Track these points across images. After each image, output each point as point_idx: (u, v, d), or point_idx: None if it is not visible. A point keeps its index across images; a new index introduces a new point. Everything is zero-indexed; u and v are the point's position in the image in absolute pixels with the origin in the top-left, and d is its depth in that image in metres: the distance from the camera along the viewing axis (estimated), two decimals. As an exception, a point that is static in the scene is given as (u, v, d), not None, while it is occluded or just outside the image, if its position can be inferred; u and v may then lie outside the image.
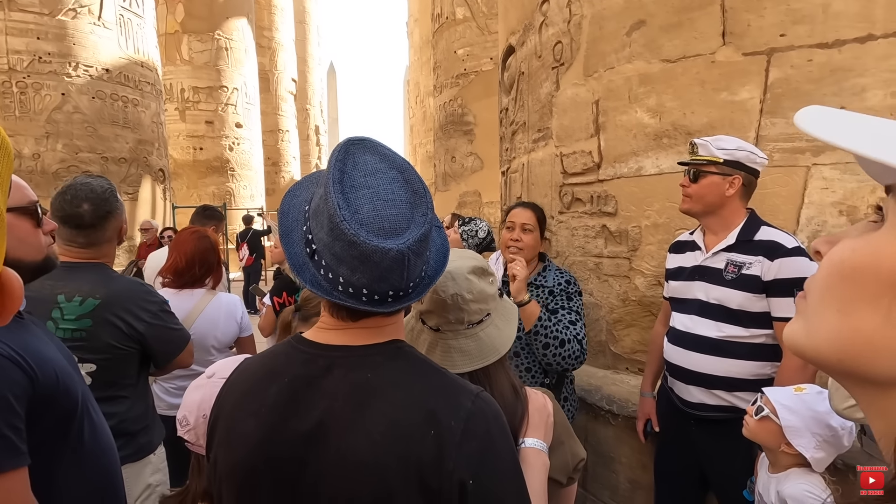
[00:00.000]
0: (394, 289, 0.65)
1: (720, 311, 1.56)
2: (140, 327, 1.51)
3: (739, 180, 1.55)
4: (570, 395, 1.91)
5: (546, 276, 1.88)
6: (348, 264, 0.63)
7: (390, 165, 0.67)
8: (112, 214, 1.54)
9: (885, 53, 1.64)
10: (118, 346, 1.48)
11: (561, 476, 0.95)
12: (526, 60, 2.68)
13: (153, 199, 7.50)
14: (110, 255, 1.60)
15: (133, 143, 7.09)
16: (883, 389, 0.33)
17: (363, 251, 0.61)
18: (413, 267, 0.65)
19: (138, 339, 1.51)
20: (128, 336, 1.49)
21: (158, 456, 1.63)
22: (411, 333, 0.98)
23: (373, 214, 0.63)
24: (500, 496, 0.65)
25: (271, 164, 16.62)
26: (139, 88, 7.19)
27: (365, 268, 0.63)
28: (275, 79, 16.98)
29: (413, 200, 0.66)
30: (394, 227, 0.63)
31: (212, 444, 0.75)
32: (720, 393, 1.57)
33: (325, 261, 0.65)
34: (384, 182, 0.65)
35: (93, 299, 1.45)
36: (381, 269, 0.63)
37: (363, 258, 0.62)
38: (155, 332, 1.55)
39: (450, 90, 8.81)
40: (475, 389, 0.70)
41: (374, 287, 0.64)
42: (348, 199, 0.63)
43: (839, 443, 1.18)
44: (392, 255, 0.62)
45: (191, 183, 12.23)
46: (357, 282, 0.64)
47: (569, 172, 2.38)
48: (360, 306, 0.66)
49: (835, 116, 0.35)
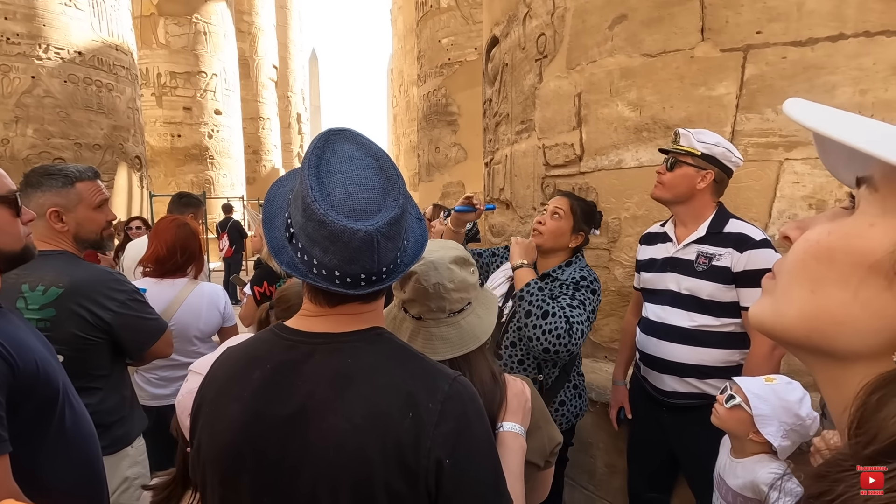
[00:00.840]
0: (365, 271, 0.67)
1: (692, 301, 1.61)
2: (107, 317, 1.46)
3: (712, 175, 1.59)
4: (568, 400, 1.75)
5: (564, 270, 1.74)
6: (320, 245, 0.65)
7: (367, 153, 0.69)
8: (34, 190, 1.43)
9: (854, 52, 1.70)
10: (85, 337, 1.43)
11: (538, 459, 0.98)
12: (510, 52, 2.69)
13: (129, 188, 7.32)
14: (65, 240, 1.50)
15: (108, 129, 6.89)
16: (842, 364, 0.36)
17: (332, 231, 0.63)
18: (384, 250, 0.66)
19: (105, 329, 1.47)
20: (94, 326, 1.44)
21: (137, 448, 1.60)
22: (394, 322, 0.99)
23: (344, 197, 0.65)
24: (476, 475, 0.67)
25: (252, 153, 16.34)
26: (113, 73, 6.97)
27: (335, 248, 0.64)
28: (255, 65, 16.63)
29: (386, 186, 0.68)
30: (364, 210, 0.65)
31: (195, 430, 0.76)
32: (692, 381, 1.63)
33: (301, 243, 0.67)
34: (359, 168, 0.67)
35: (56, 288, 1.40)
36: (351, 250, 0.64)
37: (333, 238, 0.64)
38: (123, 321, 1.50)
39: (434, 80, 8.76)
40: (452, 373, 0.72)
41: (346, 269, 0.66)
42: (322, 183, 0.65)
43: (805, 432, 1.23)
44: (360, 235, 0.63)
45: (168, 171, 11.96)
46: (329, 263, 0.66)
47: (551, 164, 2.41)
48: (333, 288, 0.67)
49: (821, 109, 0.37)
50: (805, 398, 1.24)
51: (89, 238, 1.57)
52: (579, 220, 1.76)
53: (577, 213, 1.76)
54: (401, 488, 0.64)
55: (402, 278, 0.97)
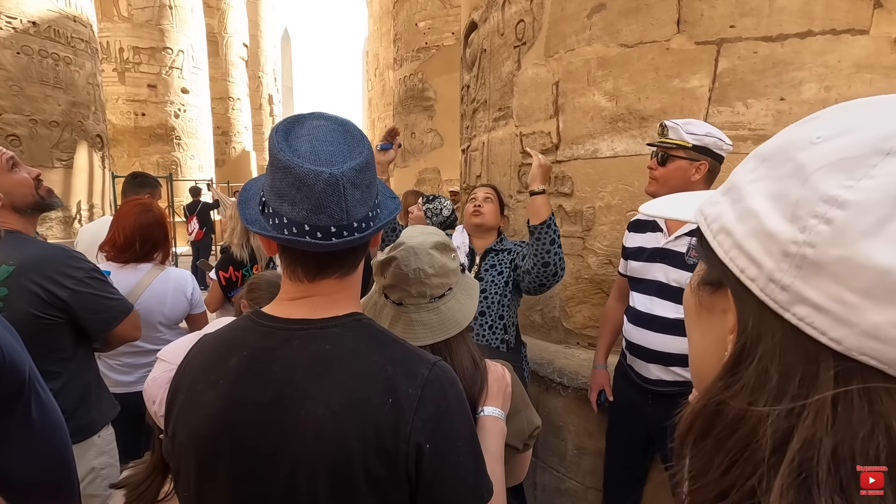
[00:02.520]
0: (335, 222, 0.66)
1: (679, 292, 1.63)
2: (63, 294, 1.42)
3: (706, 166, 1.60)
4: (522, 362, 2.07)
5: (504, 242, 2.07)
6: (288, 197, 0.66)
7: (333, 122, 0.72)
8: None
9: (821, 49, 1.75)
10: (40, 316, 1.39)
11: (517, 442, 1.00)
12: (488, 38, 2.67)
13: (90, 168, 6.99)
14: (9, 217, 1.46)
15: (66, 106, 6.54)
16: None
17: (297, 175, 0.65)
18: (351, 198, 0.67)
19: (62, 307, 1.42)
20: (49, 304, 1.40)
21: (104, 438, 1.56)
22: (374, 308, 0.99)
23: (310, 149, 0.67)
24: (456, 459, 0.68)
25: (221, 134, 15.83)
26: (71, 45, 6.60)
27: (301, 196, 0.65)
28: (224, 42, 16.04)
29: (350, 143, 0.70)
30: (330, 160, 0.67)
31: (170, 417, 0.74)
32: (676, 369, 1.65)
33: (272, 206, 0.68)
34: (325, 131, 0.70)
35: (6, 266, 1.36)
36: (317, 195, 0.65)
37: (299, 184, 0.65)
38: (81, 299, 1.45)
39: (410, 64, 8.64)
40: (433, 359, 0.72)
41: (315, 220, 0.66)
42: (289, 142, 0.68)
43: None
44: (325, 177, 0.64)
45: (132, 151, 11.47)
46: (298, 216, 0.66)
47: (528, 152, 2.41)
48: (306, 244, 0.67)
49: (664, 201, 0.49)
50: None
51: (28, 202, 1.51)
52: (501, 202, 2.13)
53: (500, 196, 2.13)
54: (380, 473, 0.64)
55: (383, 264, 0.96)
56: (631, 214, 1.98)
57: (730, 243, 0.35)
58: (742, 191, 0.35)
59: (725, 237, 0.35)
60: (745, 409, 0.32)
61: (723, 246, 0.36)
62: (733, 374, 0.33)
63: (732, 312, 0.36)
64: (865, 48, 1.73)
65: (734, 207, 0.36)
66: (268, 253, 0.84)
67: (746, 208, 0.34)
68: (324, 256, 0.71)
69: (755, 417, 0.31)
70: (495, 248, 2.04)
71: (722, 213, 0.37)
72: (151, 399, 1.04)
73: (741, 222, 0.34)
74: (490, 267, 2.01)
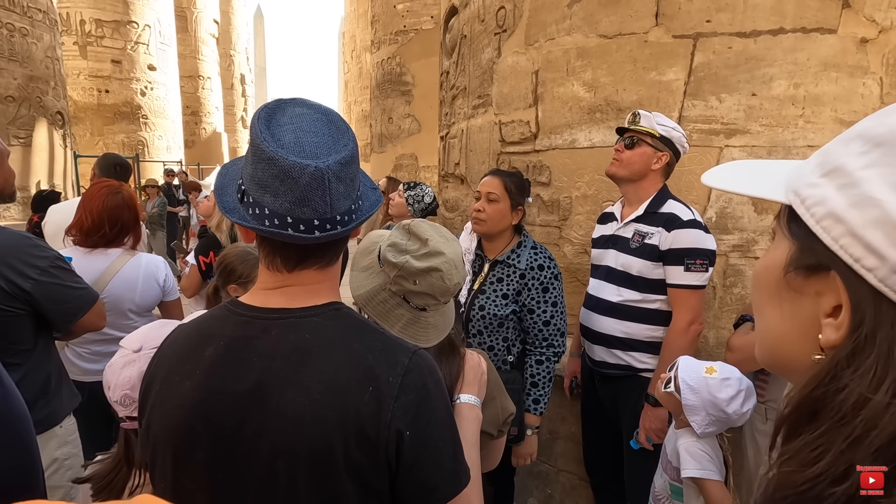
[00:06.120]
0: (318, 216, 0.66)
1: (622, 276, 1.71)
2: (26, 285, 1.36)
3: (667, 158, 1.67)
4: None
5: (520, 255, 1.76)
6: (271, 189, 0.65)
7: (316, 111, 0.71)
8: None
9: (791, 46, 1.80)
10: (2, 308, 1.34)
11: (492, 429, 1.02)
12: (469, 23, 2.64)
13: (51, 146, 6.68)
14: None
15: (22, 80, 6.21)
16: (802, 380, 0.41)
17: (282, 167, 0.63)
18: (335, 192, 0.66)
19: (25, 298, 1.37)
20: (11, 295, 1.35)
21: (66, 428, 1.51)
22: (382, 306, 0.95)
23: (294, 140, 0.66)
24: (435, 445, 0.69)
25: (191, 114, 15.31)
26: (28, 15, 6.25)
27: (285, 188, 0.64)
28: (194, 18, 15.43)
29: (335, 135, 0.69)
30: (315, 153, 0.66)
31: (144, 409, 0.73)
32: (617, 352, 1.73)
33: (252, 196, 0.67)
34: (308, 121, 0.69)
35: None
36: (301, 187, 0.64)
37: (283, 176, 0.63)
38: (45, 290, 1.40)
39: (388, 47, 8.49)
40: (412, 347, 0.73)
41: (298, 212, 0.65)
42: (273, 132, 0.66)
43: (732, 423, 1.32)
44: (310, 170, 0.63)
45: (95, 129, 10.99)
46: (281, 208, 0.65)
47: (507, 141, 2.42)
48: (287, 236, 0.66)
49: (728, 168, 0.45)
50: (736, 399, 1.28)
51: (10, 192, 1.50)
52: (515, 196, 1.77)
53: (511, 190, 1.76)
54: (360, 460, 0.65)
55: (419, 272, 0.92)
56: (607, 205, 2.02)
57: (841, 230, 0.33)
58: (853, 176, 0.33)
59: (834, 223, 0.34)
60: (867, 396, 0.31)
61: (831, 232, 0.34)
62: (851, 361, 0.33)
63: (831, 296, 0.35)
64: (833, 47, 1.79)
65: (845, 193, 0.34)
66: (245, 241, 0.82)
67: (865, 196, 0.32)
68: (305, 248, 0.70)
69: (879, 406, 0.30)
70: (508, 262, 1.77)
71: (827, 196, 0.35)
72: (107, 385, 1.02)
73: (858, 210, 0.33)
74: (496, 280, 1.77)
